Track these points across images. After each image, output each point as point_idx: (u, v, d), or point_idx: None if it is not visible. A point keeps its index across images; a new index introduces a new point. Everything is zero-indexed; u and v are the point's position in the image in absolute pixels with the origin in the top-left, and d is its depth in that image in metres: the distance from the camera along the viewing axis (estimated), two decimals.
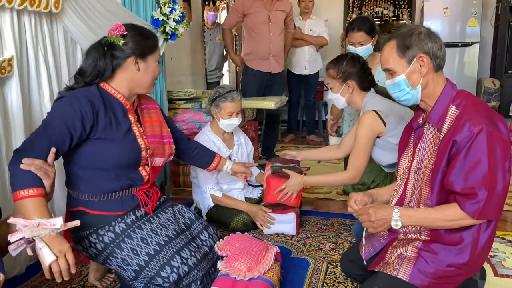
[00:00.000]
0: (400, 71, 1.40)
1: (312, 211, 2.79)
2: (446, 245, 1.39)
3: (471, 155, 1.27)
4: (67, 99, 1.51)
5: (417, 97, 1.42)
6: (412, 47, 1.36)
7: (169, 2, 2.78)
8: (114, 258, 1.61)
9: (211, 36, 5.24)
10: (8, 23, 1.78)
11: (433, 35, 1.38)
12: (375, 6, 5.95)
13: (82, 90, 1.56)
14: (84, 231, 1.63)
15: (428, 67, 1.37)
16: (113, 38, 1.60)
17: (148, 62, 1.66)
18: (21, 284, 1.90)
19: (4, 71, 1.76)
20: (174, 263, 1.58)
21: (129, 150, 1.63)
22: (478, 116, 1.29)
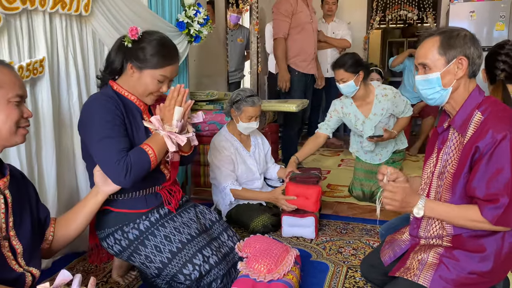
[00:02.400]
0: (436, 69, 1.38)
1: (332, 215, 2.79)
2: (469, 252, 1.37)
3: (493, 162, 1.26)
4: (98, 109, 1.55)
5: (444, 98, 1.41)
6: (455, 48, 1.34)
7: (194, 5, 2.82)
8: (138, 255, 1.65)
9: (232, 37, 5.28)
10: (40, 26, 1.84)
11: (476, 42, 1.37)
12: (398, 9, 5.88)
13: (105, 95, 1.60)
14: (109, 229, 1.68)
15: (465, 71, 1.35)
16: (127, 38, 1.62)
17: (143, 74, 1.62)
18: (47, 278, 1.95)
19: (36, 71, 1.82)
20: (196, 261, 1.61)
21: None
22: (502, 123, 1.28)
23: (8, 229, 1.18)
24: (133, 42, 1.61)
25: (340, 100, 2.94)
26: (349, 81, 2.66)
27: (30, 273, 1.23)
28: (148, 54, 1.60)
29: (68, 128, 2.07)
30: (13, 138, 1.16)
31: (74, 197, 2.16)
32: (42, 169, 1.94)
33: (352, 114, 2.88)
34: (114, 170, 1.48)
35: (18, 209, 1.23)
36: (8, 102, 1.13)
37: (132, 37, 1.60)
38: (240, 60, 5.43)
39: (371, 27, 5.88)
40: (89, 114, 1.57)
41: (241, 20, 5.75)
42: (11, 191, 1.20)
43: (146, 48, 1.60)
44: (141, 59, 1.60)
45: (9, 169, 1.24)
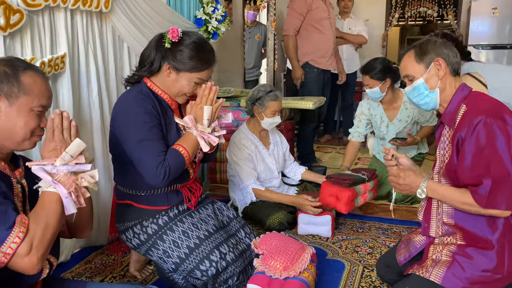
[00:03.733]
0: (419, 76, 1.50)
1: (349, 213, 2.76)
2: (481, 249, 1.38)
3: (471, 146, 1.31)
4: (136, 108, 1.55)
5: (436, 101, 1.50)
6: (429, 53, 1.47)
7: (212, 2, 2.83)
8: (155, 249, 1.67)
9: (250, 34, 5.28)
10: (62, 22, 1.87)
11: (447, 44, 1.49)
12: (418, 5, 5.79)
13: (141, 93, 1.60)
14: (129, 222, 1.70)
15: (445, 70, 1.46)
16: (166, 38, 1.61)
17: (180, 76, 1.63)
18: (66, 271, 1.99)
19: (57, 67, 1.85)
20: (213, 257, 1.62)
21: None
22: (480, 110, 1.33)
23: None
24: (172, 43, 1.60)
25: (367, 102, 2.96)
26: (375, 87, 2.67)
27: (48, 261, 1.25)
28: (186, 57, 1.59)
29: (88, 123, 2.10)
30: (24, 144, 1.19)
31: (92, 193, 2.18)
32: None
33: (378, 115, 2.90)
34: (153, 174, 1.51)
35: (35, 198, 1.26)
36: (31, 110, 1.16)
37: (173, 39, 1.59)
38: (258, 57, 5.42)
39: (390, 24, 5.81)
40: (127, 113, 1.57)
41: (259, 17, 5.74)
42: (28, 180, 1.24)
43: (184, 51, 1.60)
44: (179, 61, 1.60)
45: (22, 160, 1.27)
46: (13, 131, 1.15)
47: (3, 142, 1.16)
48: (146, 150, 1.52)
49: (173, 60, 1.60)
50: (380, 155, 3.10)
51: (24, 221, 1.06)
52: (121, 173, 1.73)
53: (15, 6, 1.62)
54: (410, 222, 2.57)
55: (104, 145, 2.18)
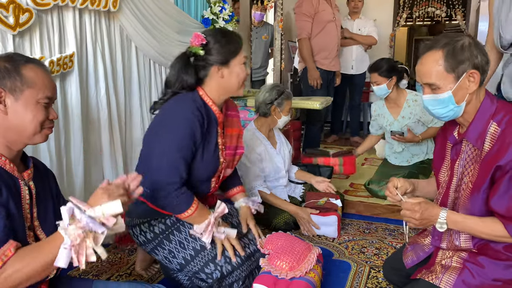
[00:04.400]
0: (446, 88, 1.26)
1: (355, 214, 2.76)
2: (494, 259, 1.33)
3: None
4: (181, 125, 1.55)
5: (458, 114, 1.31)
6: (464, 62, 1.23)
7: (219, 2, 2.83)
8: (162, 249, 1.67)
9: (257, 34, 5.28)
10: (70, 21, 1.88)
11: (480, 46, 1.26)
12: (426, 6, 5.76)
13: (189, 107, 1.57)
14: (138, 219, 1.70)
15: (478, 84, 1.25)
16: (194, 49, 1.60)
17: (231, 67, 1.62)
18: (73, 269, 2.00)
19: (66, 66, 1.87)
20: (218, 261, 1.61)
21: (211, 167, 1.69)
22: None
23: (32, 220, 1.21)
24: (203, 46, 1.59)
25: (376, 103, 3.12)
26: (382, 84, 2.84)
27: None
28: (223, 47, 1.60)
29: (96, 122, 2.12)
30: (36, 137, 1.19)
31: None
32: (70, 162, 1.99)
33: (383, 114, 3.03)
34: (160, 188, 1.53)
35: (42, 200, 1.26)
36: (37, 102, 1.15)
37: (202, 41, 1.58)
38: (264, 57, 5.41)
39: (398, 24, 5.78)
40: (171, 122, 1.56)
41: (266, 17, 5.74)
42: (35, 183, 1.24)
43: (218, 42, 1.60)
44: (221, 54, 1.60)
45: (32, 161, 1.27)
46: (22, 126, 1.15)
47: (14, 138, 1.16)
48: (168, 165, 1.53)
49: (217, 58, 1.60)
50: (390, 158, 3.14)
51: (7, 253, 1.03)
52: (147, 168, 1.65)
53: (25, 5, 1.64)
54: None
55: (111, 144, 2.19)
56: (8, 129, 1.15)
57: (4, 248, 1.04)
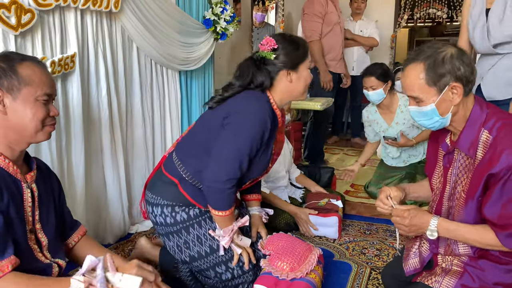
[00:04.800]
0: (429, 101, 1.25)
1: (356, 215, 2.75)
2: (494, 263, 1.32)
3: (508, 187, 1.18)
4: (257, 121, 1.53)
5: (445, 124, 1.31)
6: (445, 75, 1.21)
7: (220, 3, 2.84)
8: (177, 237, 1.65)
9: (258, 35, 5.28)
10: (72, 22, 1.89)
11: (465, 56, 1.24)
12: (427, 7, 5.76)
13: (265, 108, 1.56)
14: (163, 200, 1.66)
15: (461, 95, 1.23)
16: (264, 53, 1.61)
17: (299, 71, 1.64)
18: (73, 269, 2.00)
19: (67, 67, 1.87)
20: (230, 264, 1.63)
21: (261, 170, 1.70)
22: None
23: (34, 222, 1.20)
24: (273, 50, 1.60)
25: (367, 109, 3.06)
26: (379, 89, 2.77)
27: (57, 264, 1.25)
28: (293, 51, 1.61)
29: (97, 123, 2.12)
30: (38, 135, 1.17)
31: (101, 191, 2.21)
32: (71, 163, 1.99)
33: (376, 121, 2.98)
34: (220, 180, 1.52)
35: (44, 203, 1.25)
36: (36, 100, 1.14)
37: (273, 46, 1.59)
38: None
39: (399, 25, 5.78)
40: (247, 120, 1.54)
41: (267, 17, 5.74)
42: (38, 185, 1.23)
43: (287, 47, 1.60)
44: (291, 58, 1.60)
45: (36, 163, 1.26)
46: (23, 125, 1.14)
47: (16, 138, 1.15)
48: (230, 163, 1.52)
49: (287, 62, 1.60)
50: (386, 159, 3.12)
51: (4, 269, 1.03)
52: (195, 155, 1.65)
53: (26, 5, 1.64)
54: None
55: (112, 145, 2.19)
56: (9, 129, 1.14)
57: (2, 263, 1.03)
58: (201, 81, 2.95)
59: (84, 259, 1.34)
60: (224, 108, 1.60)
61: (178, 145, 1.74)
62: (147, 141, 2.52)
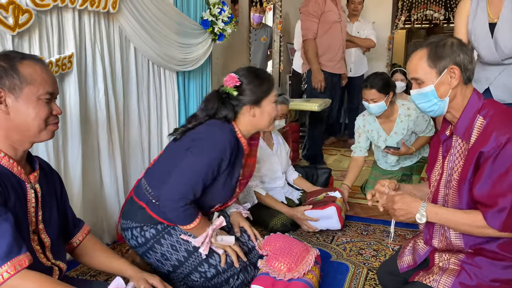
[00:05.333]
0: (429, 82, 1.35)
1: (353, 216, 2.76)
2: (491, 259, 1.33)
3: (497, 165, 1.23)
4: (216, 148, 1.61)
5: (443, 109, 1.38)
6: (444, 58, 1.32)
7: (218, 3, 2.84)
8: (153, 252, 1.69)
9: (256, 36, 5.29)
10: (70, 22, 1.89)
11: (464, 47, 1.34)
12: (425, 8, 5.78)
13: (226, 136, 1.63)
14: (132, 222, 1.72)
15: (459, 79, 1.33)
16: (228, 89, 1.67)
17: (262, 106, 1.70)
18: (71, 269, 2.00)
19: (65, 67, 1.87)
20: (212, 261, 1.64)
21: (227, 195, 1.75)
22: (505, 126, 1.24)
23: (37, 223, 1.20)
24: (236, 87, 1.67)
25: (363, 118, 2.92)
26: (380, 101, 2.63)
27: (58, 266, 1.25)
28: (256, 88, 1.68)
29: (94, 123, 2.12)
30: (41, 135, 1.16)
31: (98, 192, 2.20)
32: (68, 163, 1.99)
33: (375, 130, 2.87)
34: (172, 199, 1.58)
35: (47, 203, 1.24)
36: (38, 99, 1.13)
37: (235, 83, 1.66)
38: (263, 59, 5.42)
39: (396, 27, 5.79)
40: (210, 145, 1.61)
41: (265, 19, 5.75)
42: (41, 185, 1.22)
43: (251, 83, 1.68)
44: (253, 94, 1.68)
45: (38, 162, 1.26)
46: (26, 125, 1.13)
47: (19, 138, 1.14)
48: (184, 185, 1.58)
49: (249, 98, 1.68)
50: (380, 162, 3.09)
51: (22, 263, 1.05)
52: (160, 179, 1.70)
53: (24, 6, 1.64)
54: (415, 225, 2.55)
55: (109, 145, 2.19)
56: (12, 129, 1.12)
57: (20, 258, 1.04)
58: (199, 82, 2.95)
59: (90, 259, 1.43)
60: (189, 136, 1.68)
61: (147, 172, 1.82)
62: (144, 142, 2.52)
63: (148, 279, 1.36)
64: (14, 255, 1.03)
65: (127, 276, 1.41)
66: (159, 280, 1.37)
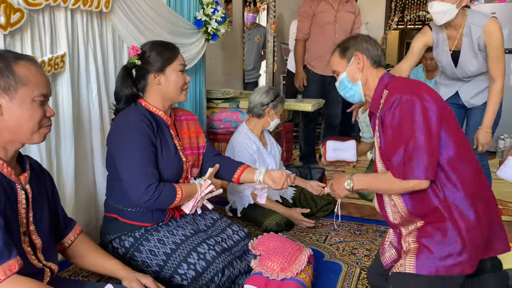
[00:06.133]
0: (342, 70, 1.60)
1: (346, 215, 2.77)
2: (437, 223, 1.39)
3: (389, 122, 1.39)
4: (134, 132, 1.63)
5: (360, 93, 1.59)
6: (350, 48, 1.57)
7: (212, 3, 2.84)
8: (134, 261, 1.70)
9: (249, 36, 5.29)
10: (62, 21, 1.87)
11: (368, 38, 1.59)
12: (417, 9, 5.83)
13: (139, 113, 1.68)
14: (110, 236, 1.74)
15: (365, 63, 1.55)
16: (131, 59, 1.71)
17: (167, 74, 1.71)
18: (63, 270, 1.99)
19: (57, 67, 1.86)
20: (191, 259, 1.62)
21: (173, 165, 1.74)
22: (399, 89, 1.41)
23: (28, 224, 1.19)
24: (139, 56, 1.70)
25: None
26: None
27: (49, 268, 1.24)
28: (158, 55, 1.71)
29: (87, 123, 2.11)
30: (34, 137, 1.15)
31: (91, 192, 2.19)
32: (60, 163, 1.97)
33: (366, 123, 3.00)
34: (141, 193, 1.57)
35: (38, 204, 1.23)
36: (33, 100, 1.11)
37: (137, 52, 1.70)
38: (257, 59, 5.42)
39: (389, 27, 5.83)
40: (125, 134, 1.64)
41: (258, 18, 5.76)
42: (32, 186, 1.21)
43: (153, 51, 1.71)
44: (156, 61, 1.70)
45: (29, 162, 1.24)
46: (19, 126, 1.11)
47: (11, 138, 1.12)
48: (139, 171, 1.59)
49: (152, 66, 1.70)
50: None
51: (13, 268, 1.04)
52: (112, 188, 1.78)
53: (16, 5, 1.62)
54: None
55: (102, 145, 2.18)
56: (4, 130, 1.11)
57: (11, 262, 1.03)
58: (193, 81, 2.94)
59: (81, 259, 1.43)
60: (108, 138, 1.75)
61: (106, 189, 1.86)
62: None
63: (141, 280, 1.36)
64: (4, 259, 1.02)
65: (119, 277, 1.41)
66: (152, 280, 1.37)
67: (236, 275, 1.69)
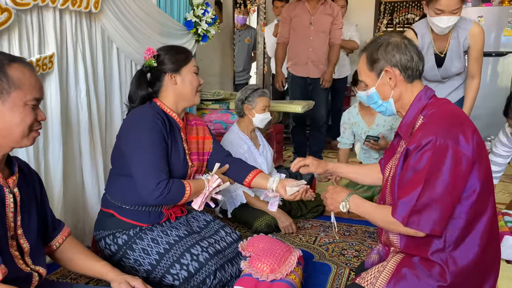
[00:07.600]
0: (371, 84, 1.39)
1: (336, 217, 2.77)
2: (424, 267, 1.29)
3: (412, 164, 1.24)
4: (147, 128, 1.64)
5: (392, 109, 1.41)
6: (379, 60, 1.34)
7: (202, 5, 2.84)
8: (127, 259, 1.69)
9: (240, 37, 5.30)
10: (51, 22, 1.86)
11: (401, 46, 1.33)
12: (406, 12, 5.88)
13: (149, 113, 1.68)
14: (104, 231, 1.73)
15: (398, 79, 1.34)
16: (148, 62, 1.73)
17: (183, 74, 1.76)
18: (52, 272, 1.97)
19: (45, 67, 1.84)
20: (184, 260, 1.63)
21: (179, 168, 1.74)
22: (434, 127, 1.24)
23: (16, 228, 1.17)
24: (155, 58, 1.74)
25: (348, 112, 3.11)
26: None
27: (37, 272, 1.22)
28: (174, 56, 1.75)
29: (75, 124, 2.09)
30: (23, 141, 1.13)
31: (79, 193, 2.17)
32: (48, 165, 1.95)
33: (357, 123, 3.03)
34: (152, 189, 1.57)
35: (26, 207, 1.21)
36: (25, 104, 1.09)
37: (153, 54, 1.74)
38: (247, 60, 5.43)
39: (378, 30, 5.87)
40: (139, 130, 1.65)
41: (249, 20, 5.76)
42: (20, 189, 1.19)
43: (168, 53, 1.76)
44: (172, 62, 1.74)
45: (17, 164, 1.22)
46: (10, 130, 1.09)
47: (1, 142, 1.10)
48: (151, 167, 1.60)
49: (169, 67, 1.74)
50: (365, 162, 3.17)
51: None
52: (114, 183, 1.77)
53: (3, 4, 1.61)
54: None
55: (91, 147, 2.16)
56: None
57: None
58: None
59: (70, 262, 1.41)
60: (119, 134, 1.76)
61: (106, 184, 1.87)
62: None
63: (130, 281, 1.35)
64: None
65: (108, 279, 1.40)
66: (141, 282, 1.36)
67: (228, 279, 1.69)
